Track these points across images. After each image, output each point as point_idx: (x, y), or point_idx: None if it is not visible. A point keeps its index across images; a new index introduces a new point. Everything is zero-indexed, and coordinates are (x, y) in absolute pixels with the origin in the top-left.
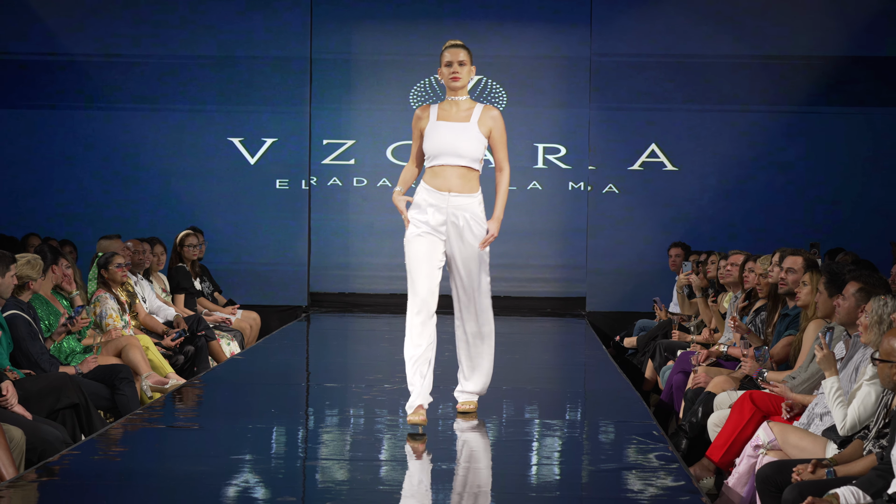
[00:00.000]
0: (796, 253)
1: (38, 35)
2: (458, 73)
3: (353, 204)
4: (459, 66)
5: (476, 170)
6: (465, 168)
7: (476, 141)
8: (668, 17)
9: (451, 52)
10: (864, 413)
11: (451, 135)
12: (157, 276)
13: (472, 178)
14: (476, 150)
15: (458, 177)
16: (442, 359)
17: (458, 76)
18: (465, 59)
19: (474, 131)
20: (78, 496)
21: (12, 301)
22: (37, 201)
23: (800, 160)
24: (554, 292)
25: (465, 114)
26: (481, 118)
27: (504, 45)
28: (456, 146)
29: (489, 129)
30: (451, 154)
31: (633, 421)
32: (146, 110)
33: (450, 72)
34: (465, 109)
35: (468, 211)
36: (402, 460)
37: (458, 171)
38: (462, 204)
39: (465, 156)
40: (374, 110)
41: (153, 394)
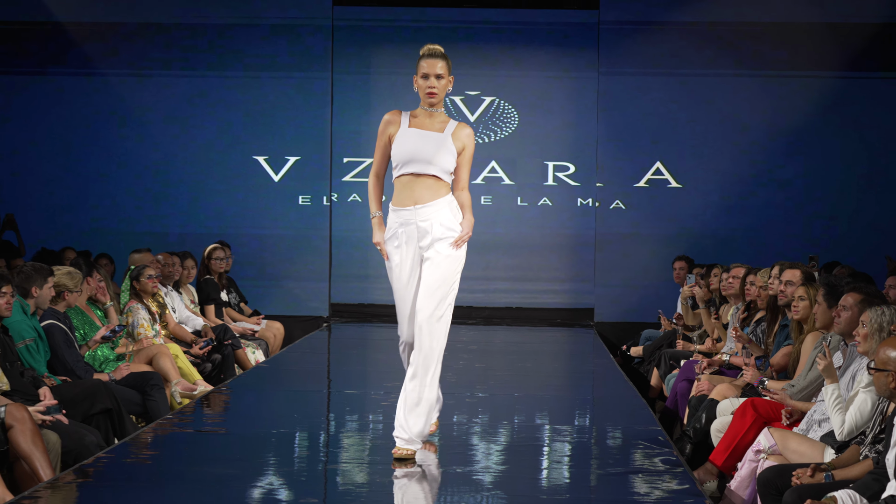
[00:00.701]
0: (794, 266)
1: (74, 59)
2: (434, 88)
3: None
4: (437, 79)
5: (445, 182)
6: (434, 178)
7: (448, 153)
8: (671, 42)
9: (428, 63)
10: (861, 419)
11: (422, 142)
12: (187, 288)
13: (441, 188)
14: (447, 161)
15: (425, 188)
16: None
17: (434, 92)
18: (442, 71)
19: (447, 143)
20: (111, 497)
21: (49, 311)
22: (72, 216)
23: (798, 178)
24: (563, 303)
25: (439, 125)
26: (456, 132)
27: (515, 67)
28: (427, 153)
29: (463, 145)
30: (421, 161)
31: (640, 427)
32: (176, 130)
33: (426, 85)
34: (439, 121)
35: (437, 219)
36: (418, 464)
37: (426, 181)
38: (429, 213)
39: (435, 164)
40: None
41: (182, 400)
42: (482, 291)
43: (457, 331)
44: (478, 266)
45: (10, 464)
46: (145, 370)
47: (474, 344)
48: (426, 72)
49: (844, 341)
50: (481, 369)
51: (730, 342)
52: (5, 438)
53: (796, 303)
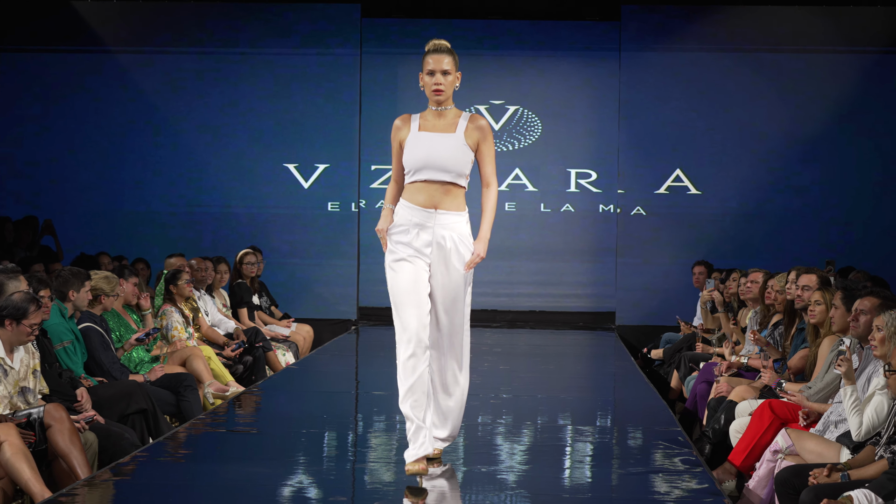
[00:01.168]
0: (810, 271)
1: (111, 70)
2: (441, 85)
3: None
4: (443, 75)
5: (462, 186)
6: (451, 184)
7: (462, 154)
8: (691, 52)
9: (433, 57)
10: (878, 421)
11: (434, 147)
12: (219, 292)
13: (459, 196)
14: (462, 164)
15: (443, 193)
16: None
17: (440, 89)
18: (449, 66)
19: (460, 143)
20: (146, 494)
21: (86, 314)
22: (109, 222)
23: (815, 184)
24: (585, 307)
25: (450, 124)
26: (467, 129)
27: (539, 77)
28: (440, 159)
29: (476, 141)
30: (434, 168)
31: (660, 427)
32: (209, 139)
33: (432, 82)
34: (449, 119)
35: (455, 231)
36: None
37: (442, 187)
38: (449, 222)
39: (450, 170)
40: None
41: (215, 400)
42: (507, 295)
43: (482, 333)
44: (502, 271)
45: (49, 462)
46: (179, 371)
47: (499, 346)
48: (432, 68)
49: (860, 344)
50: (506, 371)
51: (748, 345)
52: (44, 437)
53: (813, 307)
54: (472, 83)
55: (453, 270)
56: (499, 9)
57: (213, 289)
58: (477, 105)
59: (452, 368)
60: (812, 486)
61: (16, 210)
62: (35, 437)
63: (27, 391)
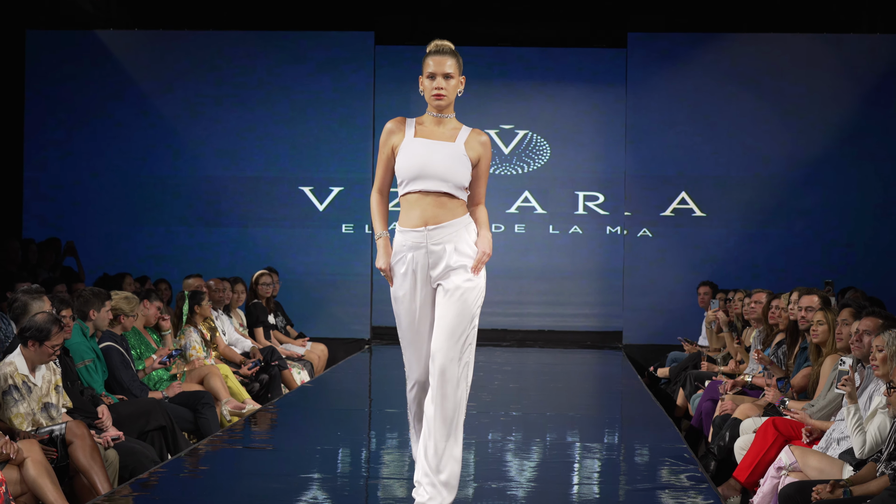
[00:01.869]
0: (811, 292)
1: (132, 96)
2: (442, 89)
3: None
4: (445, 79)
5: (460, 199)
6: (447, 196)
7: (461, 165)
8: (696, 78)
9: (435, 60)
10: (881, 438)
11: (432, 154)
12: (236, 312)
13: (456, 206)
14: (461, 176)
15: (438, 206)
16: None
17: (442, 94)
18: (452, 70)
19: (460, 153)
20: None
21: (107, 334)
22: (129, 244)
23: (817, 207)
24: (593, 326)
25: (450, 133)
26: (469, 141)
27: (548, 103)
28: (438, 167)
29: (478, 155)
30: (431, 177)
31: (666, 444)
32: (227, 162)
33: (433, 86)
34: (449, 128)
35: (452, 241)
36: None
37: (437, 199)
38: (443, 235)
39: (448, 179)
40: None
41: (232, 417)
42: (516, 315)
43: (492, 352)
44: (512, 291)
45: (71, 477)
46: (197, 389)
47: (508, 365)
48: (433, 70)
49: (861, 364)
50: (515, 389)
51: (752, 364)
52: (66, 453)
53: (815, 327)
54: (482, 108)
55: (454, 288)
56: (509, 36)
57: (230, 309)
58: (488, 129)
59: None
60: (815, 502)
61: (40, 232)
62: (57, 453)
63: (50, 406)
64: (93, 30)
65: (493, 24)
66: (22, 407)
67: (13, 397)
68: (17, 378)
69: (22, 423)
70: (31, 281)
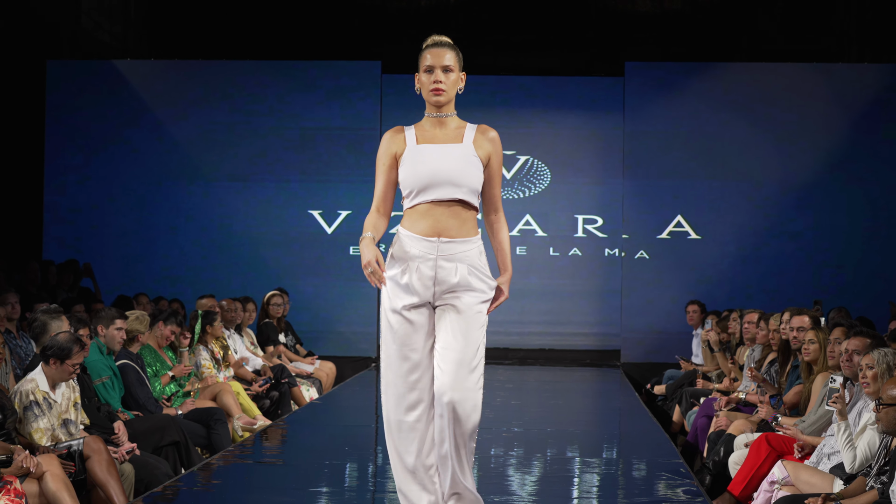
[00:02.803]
0: (802, 312)
1: (148, 123)
2: (441, 83)
3: None
4: (444, 72)
5: (474, 207)
6: (461, 204)
7: (473, 166)
8: (690, 105)
9: (433, 53)
10: (870, 454)
11: (440, 159)
12: (247, 331)
13: (469, 219)
14: (475, 178)
15: (451, 216)
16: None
17: (441, 88)
18: (451, 63)
19: (469, 154)
20: None
21: (124, 352)
22: (145, 265)
23: (808, 229)
24: (592, 345)
25: (455, 133)
26: (477, 139)
27: (548, 128)
28: (449, 173)
29: (488, 153)
30: (443, 183)
31: (663, 459)
32: (239, 187)
33: (431, 80)
34: (453, 128)
35: (465, 261)
36: None
37: (451, 208)
38: (457, 252)
39: (461, 184)
40: None
41: (243, 433)
42: (518, 334)
43: (494, 370)
44: (514, 311)
45: (88, 491)
46: (210, 406)
47: (510, 382)
48: (431, 63)
49: (851, 381)
50: (517, 406)
51: (745, 381)
52: (83, 467)
53: (807, 346)
54: None
55: (466, 310)
56: (511, 66)
57: (242, 328)
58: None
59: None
60: None
61: (59, 254)
62: (75, 467)
63: (69, 423)
64: (110, 60)
65: (496, 54)
66: (42, 422)
67: (34, 413)
68: (38, 394)
69: (42, 437)
70: (50, 301)
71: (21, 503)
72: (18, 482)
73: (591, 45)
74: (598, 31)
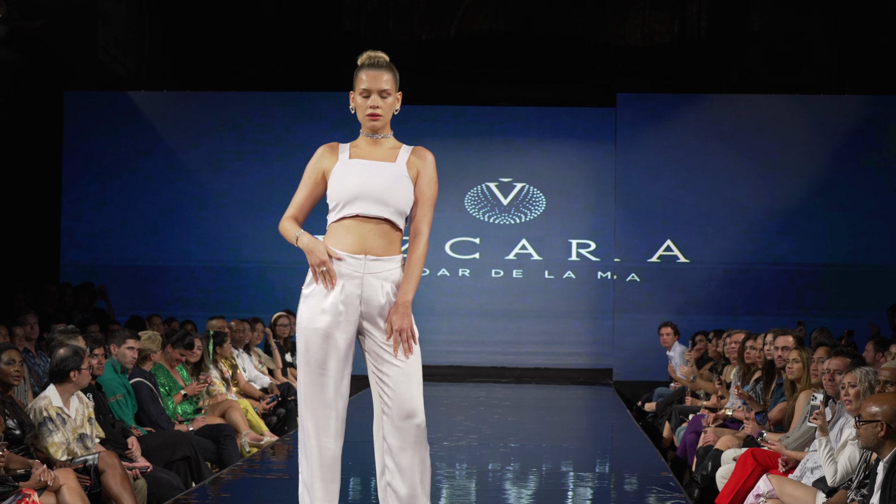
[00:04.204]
0: (786, 333)
1: (161, 152)
2: (378, 108)
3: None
4: (381, 97)
5: (399, 228)
6: (387, 223)
7: (403, 186)
8: (679, 135)
9: (370, 74)
10: (851, 468)
11: (370, 175)
12: (255, 351)
13: (396, 240)
14: (403, 199)
15: (378, 234)
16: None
17: (378, 114)
18: (389, 87)
19: (401, 173)
20: None
21: (137, 370)
22: (158, 287)
23: (791, 253)
24: (585, 364)
25: (389, 154)
26: (410, 160)
27: (543, 158)
28: (377, 188)
29: (417, 170)
30: (370, 198)
31: (653, 474)
32: (247, 213)
33: (367, 105)
34: (388, 148)
35: (390, 280)
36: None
37: (378, 226)
38: (382, 270)
39: (389, 203)
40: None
41: (251, 448)
42: (514, 354)
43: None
44: (510, 331)
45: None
46: (219, 422)
47: (507, 400)
48: (368, 87)
49: (833, 399)
50: (513, 422)
51: (732, 399)
52: (98, 481)
53: (791, 364)
54: (483, 162)
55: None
56: (507, 97)
57: (250, 347)
58: (487, 182)
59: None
60: None
61: (75, 277)
62: (90, 480)
63: (85, 437)
64: (125, 91)
65: (493, 86)
66: (57, 437)
67: (48, 428)
68: (52, 410)
69: (57, 451)
70: (66, 322)
71: None
72: (36, 495)
73: (585, 77)
74: (590, 65)
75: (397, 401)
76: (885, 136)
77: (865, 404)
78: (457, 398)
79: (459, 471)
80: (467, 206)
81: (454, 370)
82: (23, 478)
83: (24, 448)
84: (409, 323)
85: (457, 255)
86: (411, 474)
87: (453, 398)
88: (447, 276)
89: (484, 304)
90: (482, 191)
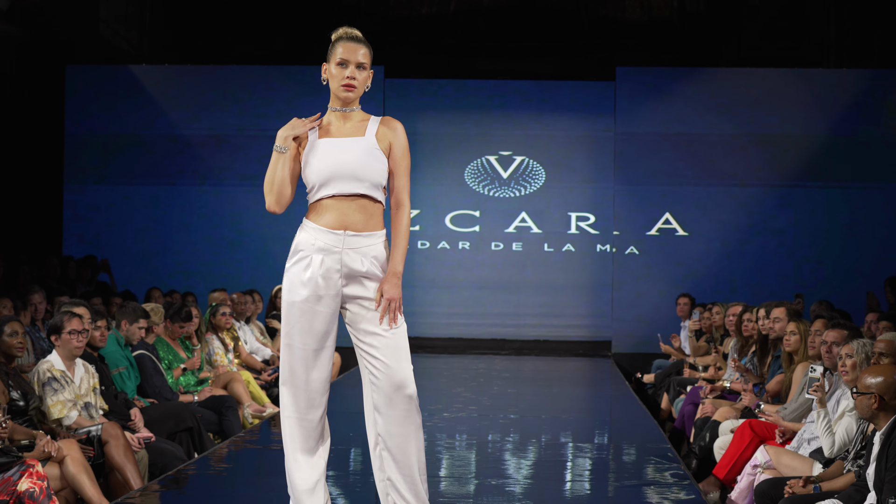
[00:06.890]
0: (780, 305)
1: (162, 125)
2: (354, 79)
3: (418, 263)
4: (358, 69)
5: (379, 201)
6: (366, 198)
7: (374, 159)
8: (678, 107)
9: (347, 47)
10: (847, 439)
11: (340, 152)
12: (256, 323)
13: (376, 213)
14: (376, 172)
15: (357, 210)
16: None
17: (353, 85)
18: (365, 60)
19: (371, 146)
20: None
21: (140, 343)
22: (159, 261)
23: (789, 227)
24: (584, 336)
25: (357, 127)
26: (379, 131)
27: (543, 130)
28: (349, 165)
29: (389, 143)
30: (344, 177)
31: (652, 445)
32: (248, 186)
33: (344, 75)
34: (356, 121)
35: (370, 255)
36: (458, 477)
37: (357, 202)
38: (362, 246)
39: (363, 178)
40: (435, 185)
41: (253, 420)
42: (514, 326)
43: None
44: (510, 304)
45: (106, 474)
46: (221, 394)
47: (507, 372)
48: (345, 57)
49: (830, 371)
50: (513, 394)
51: (730, 370)
52: (101, 452)
53: (788, 336)
54: (483, 136)
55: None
56: (507, 70)
57: (251, 319)
58: (488, 156)
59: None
60: (788, 497)
61: (78, 250)
62: (94, 451)
63: (90, 406)
64: (127, 65)
65: (493, 60)
66: (61, 395)
67: (52, 388)
68: (55, 371)
69: (62, 410)
70: (69, 295)
71: (43, 485)
72: (40, 465)
73: (584, 51)
74: (590, 38)
75: (387, 372)
76: (883, 110)
77: (862, 376)
78: (457, 370)
79: (459, 442)
80: (467, 179)
81: (454, 342)
82: (27, 448)
83: (27, 419)
84: (399, 294)
85: (457, 228)
86: (405, 445)
87: (453, 370)
88: (447, 249)
89: (484, 276)
90: (482, 164)
